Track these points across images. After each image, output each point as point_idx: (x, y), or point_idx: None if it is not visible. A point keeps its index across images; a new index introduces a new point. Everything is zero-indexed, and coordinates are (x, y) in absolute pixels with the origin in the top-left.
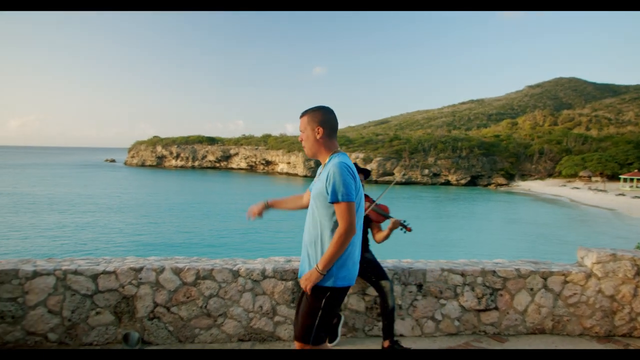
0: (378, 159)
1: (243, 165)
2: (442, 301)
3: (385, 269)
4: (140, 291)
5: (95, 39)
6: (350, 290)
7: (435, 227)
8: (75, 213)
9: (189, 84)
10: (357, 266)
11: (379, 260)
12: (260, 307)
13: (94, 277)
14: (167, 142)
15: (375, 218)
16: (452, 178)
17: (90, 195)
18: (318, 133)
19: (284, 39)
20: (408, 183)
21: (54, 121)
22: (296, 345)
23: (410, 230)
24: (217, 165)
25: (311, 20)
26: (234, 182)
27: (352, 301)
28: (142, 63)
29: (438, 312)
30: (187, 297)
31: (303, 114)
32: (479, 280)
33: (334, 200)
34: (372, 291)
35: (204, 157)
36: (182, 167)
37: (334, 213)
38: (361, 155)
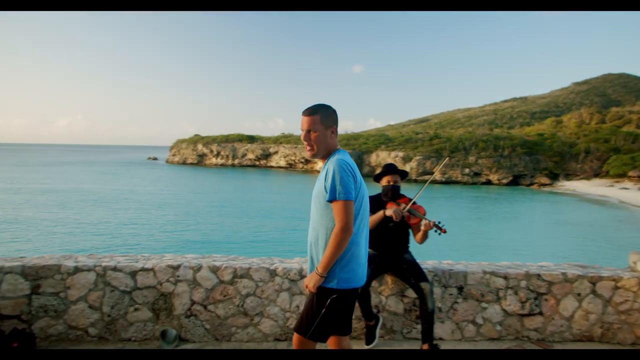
0: (418, 157)
1: (282, 163)
2: (484, 305)
3: (424, 270)
4: (178, 289)
5: (138, 40)
6: (389, 292)
7: (476, 228)
8: (117, 209)
9: (229, 83)
10: (364, 267)
11: (418, 261)
12: (297, 307)
13: (133, 273)
14: (208, 141)
15: (410, 220)
16: (493, 177)
17: (132, 192)
18: (333, 132)
19: (324, 37)
20: (448, 182)
21: (99, 120)
22: (294, 336)
23: (444, 231)
24: (257, 163)
25: (350, 19)
26: (273, 180)
27: (391, 303)
28: (183, 63)
29: (479, 316)
30: (224, 296)
31: (313, 113)
32: (523, 283)
33: (332, 199)
34: (411, 293)
35: (244, 155)
36: (222, 165)
37: (330, 214)
38: (401, 154)
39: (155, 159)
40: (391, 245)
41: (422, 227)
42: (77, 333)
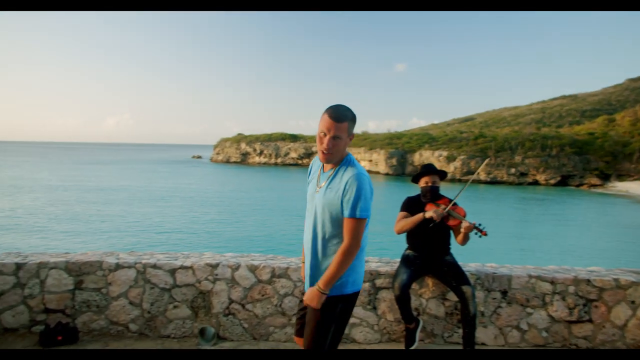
0: (462, 157)
1: None
2: (529, 310)
3: (467, 273)
4: (216, 287)
5: (182, 41)
6: (429, 294)
7: (522, 230)
8: (161, 207)
9: (273, 83)
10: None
11: (460, 263)
12: None
13: (172, 271)
14: (251, 139)
15: (450, 221)
16: (540, 178)
17: (177, 190)
18: (350, 139)
19: (366, 36)
20: (493, 182)
21: (146, 119)
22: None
23: (485, 234)
24: (300, 162)
25: (392, 18)
26: None
27: (432, 306)
28: (227, 63)
29: (524, 322)
30: (262, 295)
31: (345, 119)
32: (571, 289)
33: (351, 216)
34: (452, 296)
35: (287, 154)
36: (265, 163)
37: (341, 226)
38: (444, 153)
39: (199, 157)
40: (432, 247)
41: (462, 229)
42: (118, 328)
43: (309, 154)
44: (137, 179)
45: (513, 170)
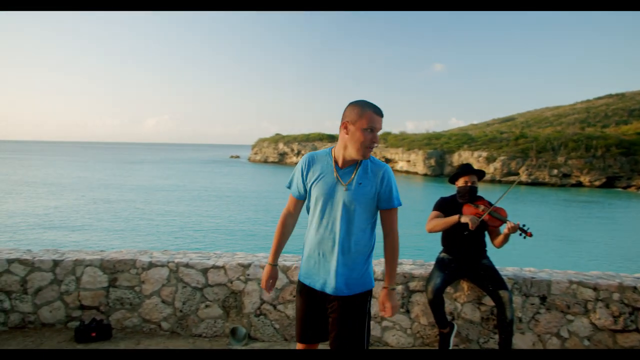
0: (502, 158)
1: None
2: (570, 317)
3: (504, 277)
4: (248, 287)
5: (220, 43)
6: (465, 299)
7: (564, 233)
8: (198, 206)
9: (310, 83)
10: None
11: (497, 267)
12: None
13: (204, 271)
14: (289, 140)
15: (491, 222)
16: (584, 179)
17: (214, 190)
18: None
19: (403, 36)
20: (534, 184)
21: (185, 120)
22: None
23: (530, 235)
24: None
25: (429, 17)
26: None
27: (467, 310)
28: (265, 64)
29: (564, 329)
30: (294, 296)
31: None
32: (616, 296)
33: (394, 206)
34: (488, 300)
35: None
36: None
37: (373, 217)
38: (484, 154)
39: (237, 157)
40: (468, 250)
41: (505, 230)
42: (151, 326)
43: None
44: (175, 178)
45: (555, 171)
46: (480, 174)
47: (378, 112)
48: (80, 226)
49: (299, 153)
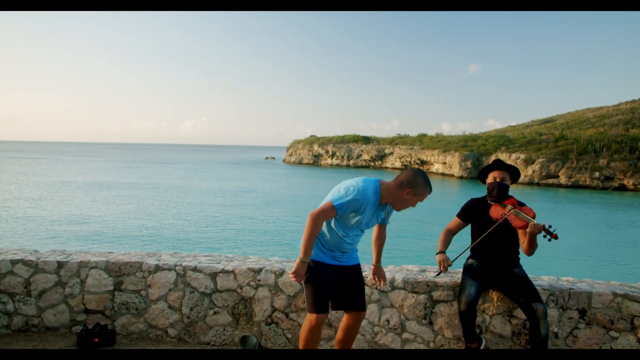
0: (541, 160)
1: (397, 164)
2: (613, 333)
3: (538, 288)
4: (259, 294)
5: (255, 45)
6: (494, 311)
7: (606, 239)
8: (229, 207)
9: (345, 85)
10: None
11: (530, 277)
12: (387, 321)
13: (213, 275)
14: (324, 141)
15: (515, 222)
16: (628, 182)
17: (249, 191)
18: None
19: (436, 36)
20: (575, 187)
21: (221, 122)
22: (360, 316)
23: (555, 237)
24: (372, 164)
25: (463, 17)
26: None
27: (496, 323)
28: (300, 65)
29: (607, 347)
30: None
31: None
32: None
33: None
34: (520, 313)
35: (359, 156)
36: (337, 165)
37: None
38: (522, 156)
39: (272, 158)
40: (498, 257)
41: (528, 230)
42: (157, 333)
43: (382, 156)
44: (209, 179)
45: (597, 174)
46: (513, 172)
47: (430, 191)
48: (109, 225)
49: (333, 155)
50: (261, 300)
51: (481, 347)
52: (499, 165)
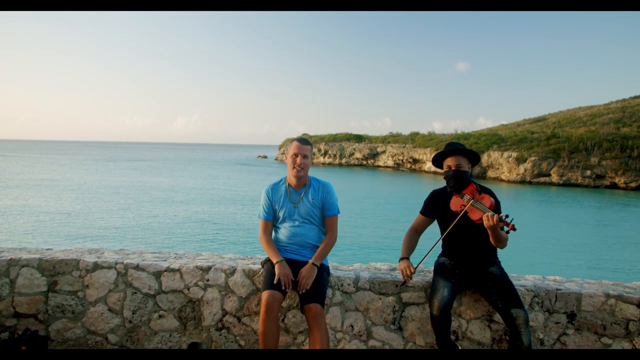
0: (533, 158)
1: (390, 163)
2: (606, 340)
3: (521, 289)
4: (208, 295)
5: (249, 45)
6: (471, 315)
7: (598, 237)
8: (211, 205)
9: (337, 84)
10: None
11: (512, 276)
12: (351, 326)
13: (157, 274)
14: (316, 140)
15: (473, 215)
16: (619, 180)
17: (234, 188)
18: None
19: (424, 35)
20: (566, 185)
21: (213, 120)
22: (316, 308)
23: (513, 228)
24: (364, 162)
25: (450, 17)
26: (380, 180)
27: (474, 329)
28: (292, 64)
29: None
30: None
31: (308, 143)
32: None
33: (336, 213)
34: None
35: (351, 154)
36: (329, 164)
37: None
38: (514, 154)
39: (265, 157)
40: (471, 254)
41: (484, 222)
42: (97, 339)
43: (374, 155)
44: (198, 179)
45: (588, 172)
46: (470, 156)
47: (303, 142)
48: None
49: (325, 153)
50: (210, 302)
51: None
52: (452, 151)
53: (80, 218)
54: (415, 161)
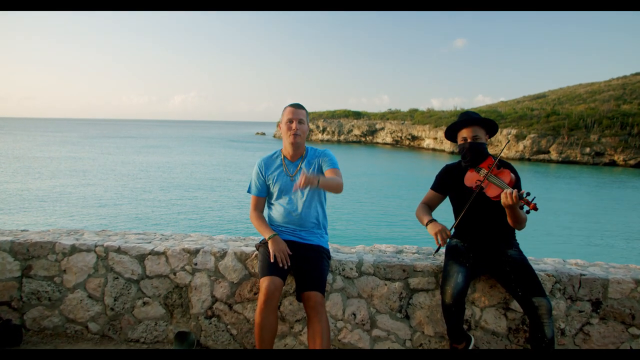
0: (532, 135)
1: (388, 140)
2: (635, 330)
3: (541, 273)
4: (196, 280)
5: (244, 19)
6: (486, 302)
7: (614, 218)
8: (205, 183)
9: (335, 61)
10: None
11: (530, 259)
12: (353, 314)
13: (141, 257)
14: (314, 116)
15: (490, 192)
16: (618, 158)
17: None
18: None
19: (422, 12)
20: (565, 162)
21: (211, 97)
22: (318, 296)
23: (535, 208)
24: (363, 139)
25: None
26: (379, 157)
27: (488, 317)
28: (289, 41)
29: (626, 346)
30: (255, 294)
31: (302, 107)
32: None
33: (335, 167)
34: (518, 305)
35: (350, 131)
36: (327, 140)
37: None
38: (513, 131)
39: (263, 134)
40: (486, 235)
41: (502, 200)
42: (76, 328)
43: (373, 132)
44: (194, 156)
45: (588, 149)
46: (488, 126)
47: (297, 107)
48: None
49: (324, 130)
50: (199, 288)
51: (470, 348)
52: (467, 121)
53: (63, 197)
54: (414, 138)
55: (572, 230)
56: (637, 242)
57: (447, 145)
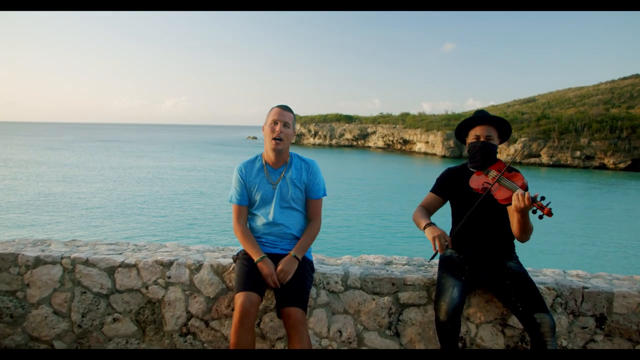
0: (523, 139)
1: (380, 144)
2: None
3: (541, 286)
4: (169, 295)
5: (235, 23)
6: (482, 318)
7: (609, 225)
8: (189, 189)
9: (326, 65)
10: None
11: (529, 270)
12: (339, 332)
13: (110, 270)
14: (306, 120)
15: (499, 195)
16: (608, 161)
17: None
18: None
19: (408, 16)
20: (556, 166)
21: (202, 101)
22: (298, 312)
23: (549, 213)
24: (354, 143)
25: None
26: (370, 161)
27: (484, 334)
28: (280, 45)
29: None
30: (233, 309)
31: (290, 110)
32: None
33: (322, 195)
34: (517, 322)
35: (342, 135)
36: (319, 145)
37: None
38: None
39: (254, 138)
40: (486, 245)
41: (513, 202)
42: (40, 346)
43: (364, 136)
44: (183, 161)
45: (578, 153)
46: (502, 126)
47: (284, 108)
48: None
49: (315, 134)
50: (172, 303)
51: None
52: (482, 118)
53: (34, 204)
54: (405, 142)
55: (566, 236)
56: (631, 249)
57: (439, 149)
